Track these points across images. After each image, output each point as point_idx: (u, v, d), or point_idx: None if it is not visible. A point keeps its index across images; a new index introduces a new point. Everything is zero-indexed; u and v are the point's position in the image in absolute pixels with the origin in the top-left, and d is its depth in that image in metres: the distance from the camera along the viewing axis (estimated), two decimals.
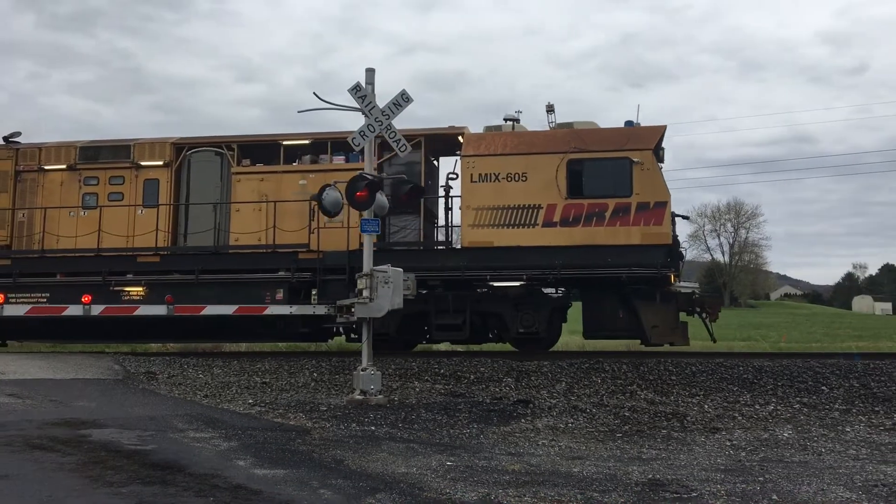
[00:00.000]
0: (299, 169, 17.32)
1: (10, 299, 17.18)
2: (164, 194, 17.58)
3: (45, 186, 18.10)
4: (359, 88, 12.16)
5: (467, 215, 15.97)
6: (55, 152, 18.23)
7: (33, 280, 17.32)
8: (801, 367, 13.28)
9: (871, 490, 6.75)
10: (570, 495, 6.47)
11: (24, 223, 18.06)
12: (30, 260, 17.51)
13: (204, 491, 6.36)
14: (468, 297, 16.22)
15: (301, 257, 16.42)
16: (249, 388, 13.04)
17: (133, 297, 16.90)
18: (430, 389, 12.80)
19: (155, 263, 17.02)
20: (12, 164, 18.29)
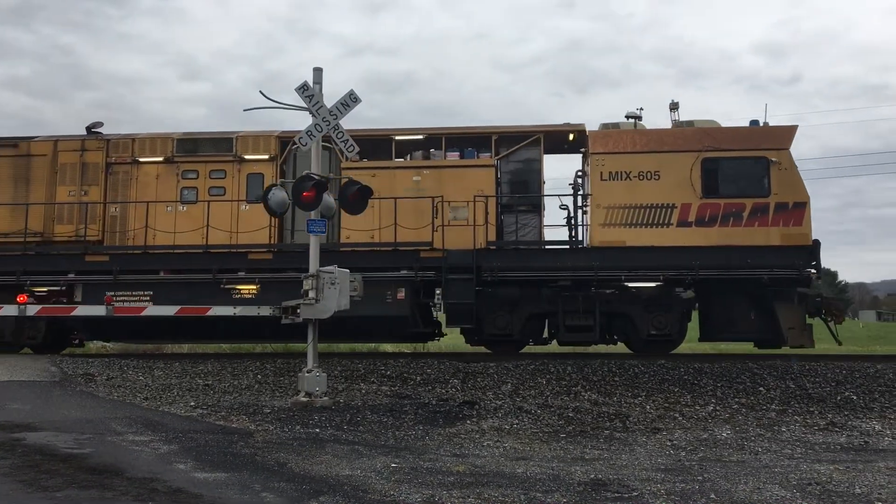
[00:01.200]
0: (413, 165, 16.98)
1: (110, 297, 16.37)
2: None
3: (140, 179, 17.42)
4: (306, 88, 12.06)
5: (597, 214, 15.81)
6: (150, 144, 17.58)
7: (135, 277, 16.63)
8: (740, 369, 13.59)
9: (805, 488, 6.93)
10: (514, 496, 6.51)
11: (117, 218, 17.37)
12: (132, 256, 16.78)
13: (143, 495, 6.23)
14: (597, 298, 15.97)
15: (423, 256, 16.09)
16: (191, 391, 12.81)
17: (244, 295, 16.34)
18: (377, 391, 12.75)
19: (267, 261, 16.50)
20: (103, 156, 17.60)
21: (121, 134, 17.98)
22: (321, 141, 16.79)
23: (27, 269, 16.76)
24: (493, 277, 15.79)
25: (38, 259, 16.93)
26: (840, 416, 11.24)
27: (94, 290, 16.60)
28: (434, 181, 16.59)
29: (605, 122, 16.86)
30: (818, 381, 12.94)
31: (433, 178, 16.55)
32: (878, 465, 8.06)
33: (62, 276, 16.75)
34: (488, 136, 17.03)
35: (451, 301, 15.84)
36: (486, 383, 13.14)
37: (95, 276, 16.64)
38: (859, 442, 9.69)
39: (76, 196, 17.40)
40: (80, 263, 16.83)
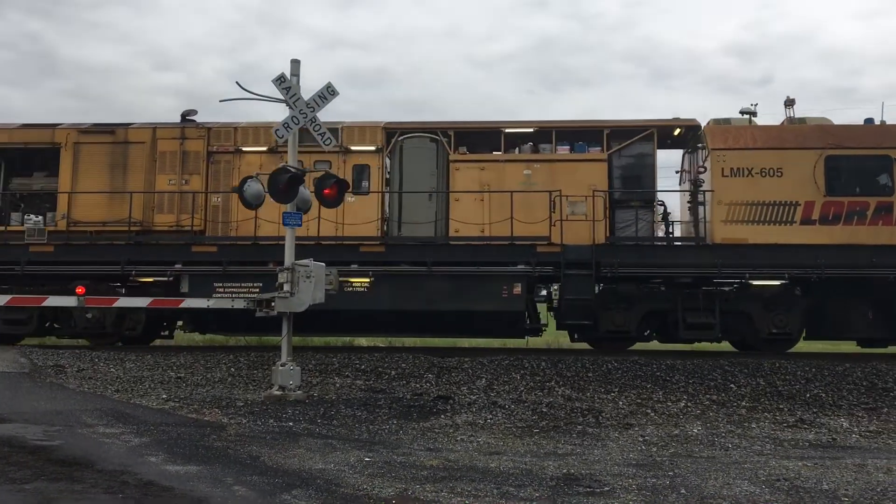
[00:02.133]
0: (523, 158, 16.78)
1: (218, 289, 16.12)
2: (375, 181, 16.77)
3: (242, 169, 16.88)
4: (283, 79, 11.99)
5: (718, 211, 15.71)
6: (253, 133, 17.22)
7: (244, 269, 16.29)
8: (712, 366, 13.73)
9: (774, 484, 7.03)
10: (487, 490, 6.53)
11: (220, 208, 17.02)
12: (241, 247, 16.46)
13: (113, 488, 6.17)
14: (717, 296, 15.89)
15: (540, 250, 15.90)
16: (163, 383, 12.71)
17: (356, 288, 16.05)
18: (351, 385, 12.73)
19: (380, 254, 16.24)
20: (204, 145, 17.24)
21: (222, 122, 17.61)
22: (427, 133, 16.87)
23: (132, 259, 16.45)
24: (614, 273, 15.76)
25: (144, 249, 16.61)
26: (809, 413, 11.39)
27: (202, 281, 16.32)
28: (545, 175, 16.46)
29: (716, 118, 16.82)
30: (788, 378, 13.11)
31: (544, 172, 16.42)
32: (845, 462, 8.19)
33: (169, 267, 16.41)
34: (600, 129, 16.91)
35: (570, 297, 15.73)
36: (460, 378, 13.17)
37: (203, 266, 16.36)
38: (827, 439, 9.84)
39: (176, 185, 17.10)
40: (187, 254, 16.56)
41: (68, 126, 17.76)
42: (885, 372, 13.42)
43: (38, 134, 17.79)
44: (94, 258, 16.51)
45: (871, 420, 11.06)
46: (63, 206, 17.13)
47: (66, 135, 17.50)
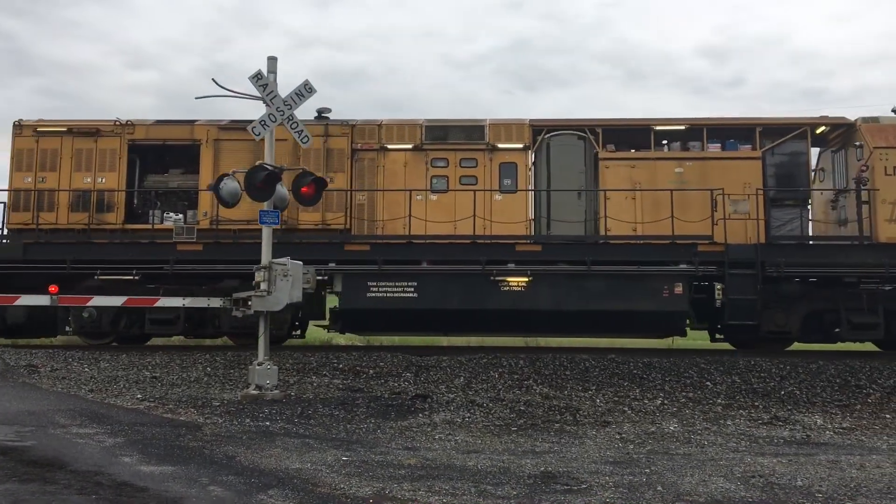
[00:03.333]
0: (674, 156, 16.68)
1: (371, 288, 15.98)
2: (523, 179, 16.60)
3: (387, 167, 16.87)
4: (260, 77, 11.90)
5: (883, 209, 15.69)
6: (398, 130, 17.05)
7: (399, 268, 16.10)
8: (688, 364, 13.84)
9: (749, 481, 7.08)
10: (464, 488, 6.53)
11: (364, 205, 16.82)
12: (394, 246, 16.27)
13: (86, 489, 6.10)
14: (881, 295, 15.84)
15: (702, 249, 15.81)
16: (138, 383, 12.57)
17: (513, 287, 15.92)
18: (329, 384, 12.68)
19: (536, 252, 16.06)
20: (348, 142, 17.03)
21: (366, 120, 17.44)
22: (575, 131, 16.75)
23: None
24: (779, 273, 15.69)
25: (296, 248, 16.09)
26: (783, 410, 11.50)
27: (356, 281, 16.17)
28: (697, 173, 16.44)
29: (864, 117, 16.83)
30: (763, 376, 13.23)
31: (696, 170, 16.36)
32: (819, 459, 8.27)
33: (323, 266, 16.10)
34: (752, 127, 16.88)
35: (734, 297, 15.64)
36: (438, 377, 13.16)
37: (357, 265, 16.22)
38: (801, 436, 9.93)
39: None
40: (339, 252, 16.38)
41: (206, 122, 17.51)
42: (858, 369, 13.59)
43: (176, 130, 17.49)
44: (244, 257, 16.15)
45: (844, 417, 11.19)
46: (205, 205, 16.90)
47: (207, 131, 17.29)
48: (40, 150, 17.22)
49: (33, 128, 17.41)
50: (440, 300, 16.00)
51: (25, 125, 17.45)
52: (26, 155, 17.18)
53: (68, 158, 17.23)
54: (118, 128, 17.32)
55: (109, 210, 16.93)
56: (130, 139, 17.34)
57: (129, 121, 17.38)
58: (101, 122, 17.50)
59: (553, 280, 16.00)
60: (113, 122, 17.35)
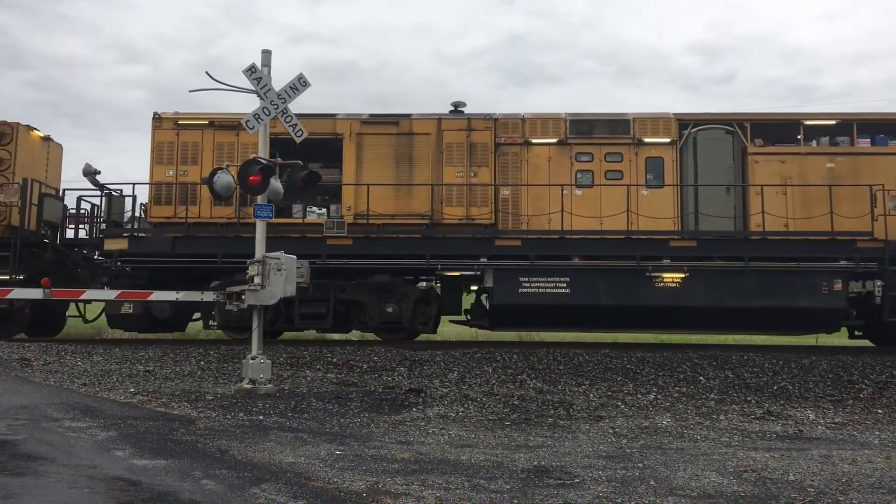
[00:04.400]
0: (826, 151, 16.53)
1: (523, 283, 15.89)
2: (670, 174, 16.47)
3: (531, 161, 16.73)
4: (254, 70, 11.86)
5: None
6: (541, 125, 16.91)
7: (551, 263, 15.99)
8: (681, 359, 13.86)
9: (742, 475, 7.11)
10: (458, 482, 6.53)
11: (509, 200, 16.67)
12: (546, 241, 16.19)
13: (79, 482, 6.08)
14: None
15: (861, 246, 15.75)
16: (131, 377, 12.55)
17: (668, 284, 15.82)
18: (322, 378, 12.67)
19: (690, 248, 15.97)
20: (491, 137, 16.88)
21: (508, 114, 17.29)
22: (723, 125, 16.63)
23: (435, 253, 16.18)
24: None
25: (446, 242, 16.36)
26: (776, 405, 11.54)
27: (507, 276, 16.06)
28: (847, 168, 16.34)
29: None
30: (756, 371, 13.27)
31: (846, 166, 16.26)
32: (811, 453, 8.30)
33: (474, 261, 16.18)
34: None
35: (894, 294, 15.64)
36: (432, 371, 13.16)
37: (508, 260, 16.13)
38: (794, 430, 9.97)
39: (464, 177, 16.80)
40: (489, 247, 16.31)
41: (345, 116, 17.42)
42: (851, 364, 13.64)
43: (318, 124, 17.19)
44: (394, 252, 16.24)
45: (836, 412, 11.24)
46: (349, 199, 16.87)
47: (349, 125, 17.21)
48: (181, 143, 17.09)
49: (174, 120, 17.28)
50: (593, 296, 15.91)
51: (165, 118, 17.31)
52: (167, 148, 17.05)
53: (210, 152, 17.10)
54: None
55: (251, 204, 16.84)
56: (272, 132, 17.22)
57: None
58: (241, 116, 17.42)
59: (708, 276, 15.91)
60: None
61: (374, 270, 16.48)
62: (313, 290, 15.97)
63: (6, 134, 17.14)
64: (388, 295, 16.49)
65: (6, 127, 17.18)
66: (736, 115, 17.11)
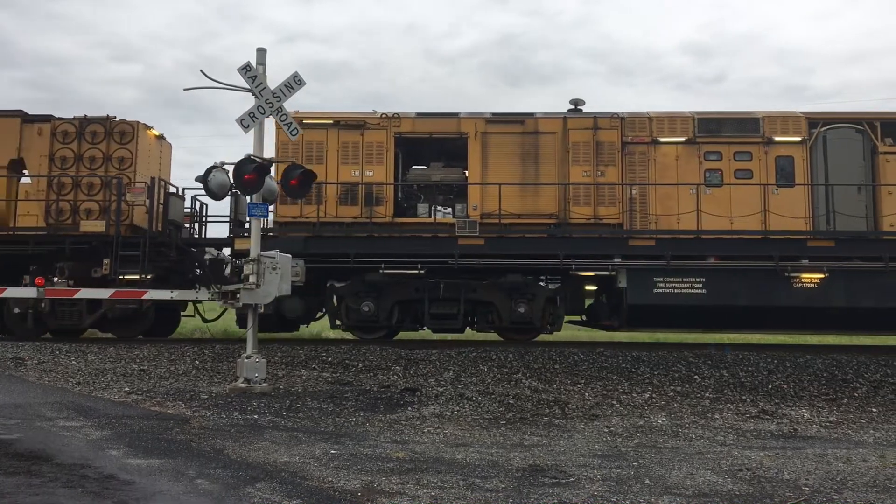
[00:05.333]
0: None
1: (658, 283, 15.85)
2: (801, 173, 16.38)
3: (658, 160, 16.64)
4: (249, 68, 11.82)
5: None
6: (669, 123, 16.83)
7: (686, 263, 15.88)
8: (676, 358, 13.87)
9: (737, 474, 7.11)
10: (453, 481, 6.52)
11: (637, 199, 16.57)
12: (681, 241, 16.11)
13: (72, 482, 6.06)
14: None
15: None
16: (126, 376, 12.51)
17: (806, 285, 15.70)
18: (317, 377, 12.65)
19: (829, 248, 15.85)
20: (618, 135, 16.79)
21: (634, 112, 17.20)
22: (849, 124, 16.56)
23: (569, 253, 16.04)
24: None
25: (579, 242, 16.19)
26: (771, 404, 11.56)
27: (641, 276, 15.98)
28: None
29: None
30: (751, 370, 13.29)
31: None
32: (806, 452, 8.32)
33: (606, 261, 16.06)
34: None
35: None
36: (428, 370, 13.15)
37: (642, 260, 16.04)
38: (789, 429, 9.98)
39: (591, 176, 16.70)
40: (623, 247, 16.22)
41: (468, 115, 17.31)
42: (845, 363, 13.66)
43: (443, 123, 17.25)
44: (526, 251, 16.10)
45: (831, 411, 11.25)
46: (475, 198, 16.78)
47: (474, 124, 17.10)
48: (305, 142, 17.01)
49: (298, 119, 17.17)
50: (729, 296, 15.77)
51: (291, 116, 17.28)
52: (291, 147, 16.92)
53: (334, 151, 17.09)
54: (384, 121, 17.16)
55: (378, 203, 16.76)
56: (397, 132, 17.19)
57: (395, 114, 17.26)
58: (366, 115, 17.39)
59: (847, 276, 15.77)
60: (379, 115, 17.26)
61: (505, 270, 16.41)
62: (444, 291, 16.17)
63: (127, 133, 17.00)
64: (519, 295, 16.42)
65: (127, 126, 17.05)
66: (865, 113, 17.04)
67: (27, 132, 16.99)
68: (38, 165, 16.79)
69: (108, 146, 16.77)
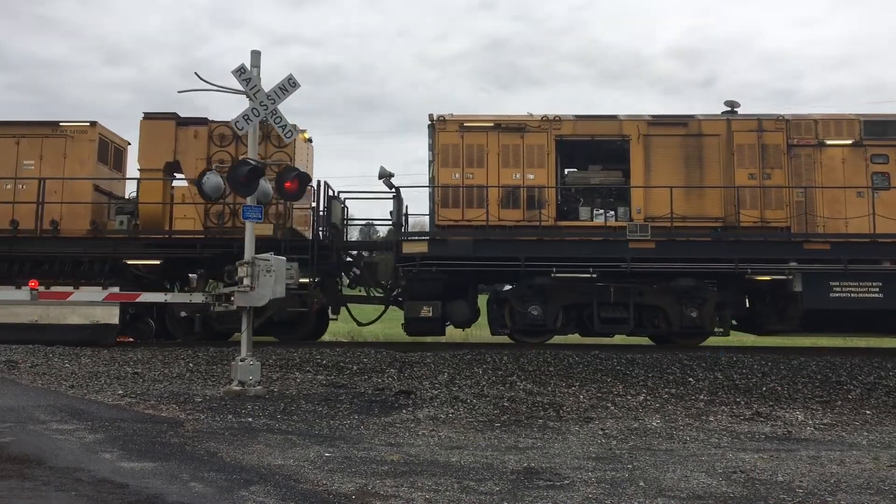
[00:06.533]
0: None
1: (834, 288, 15.76)
2: None
3: (824, 163, 16.54)
4: (243, 70, 11.81)
5: None
6: (835, 126, 16.77)
7: (863, 268, 15.81)
8: (671, 360, 13.89)
9: (731, 476, 7.12)
10: (447, 484, 6.52)
11: (803, 202, 16.45)
12: (855, 245, 16.01)
13: (65, 485, 6.04)
14: None
15: None
16: (119, 379, 12.47)
17: None
18: (312, 380, 12.63)
19: None
20: (784, 138, 16.68)
21: (798, 114, 17.14)
22: None
23: (744, 257, 16.00)
24: None
25: (753, 245, 16.14)
26: (765, 406, 11.57)
27: (817, 280, 15.86)
28: None
29: None
30: (745, 372, 13.31)
31: None
32: (800, 454, 8.33)
33: (782, 265, 16.00)
34: None
35: None
36: (422, 373, 13.14)
37: (818, 264, 15.91)
38: (783, 431, 10.00)
39: (757, 179, 16.60)
40: (797, 251, 16.11)
41: (628, 117, 17.27)
42: (839, 365, 13.70)
43: (604, 126, 17.17)
44: (696, 255, 16.07)
45: (825, 413, 11.28)
46: (638, 201, 16.71)
47: (636, 127, 17.03)
48: (465, 145, 17.00)
49: (459, 122, 17.16)
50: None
51: (449, 120, 17.18)
52: (452, 150, 16.95)
53: (495, 154, 17.02)
54: (545, 123, 17.09)
55: (541, 207, 16.66)
56: (557, 134, 17.11)
57: (557, 116, 17.20)
58: (526, 118, 17.34)
59: None
60: (539, 118, 17.19)
61: (674, 274, 16.36)
62: (614, 295, 16.14)
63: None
64: (688, 299, 16.36)
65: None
66: None
67: (182, 135, 16.99)
68: (195, 168, 16.64)
69: (265, 149, 16.72)
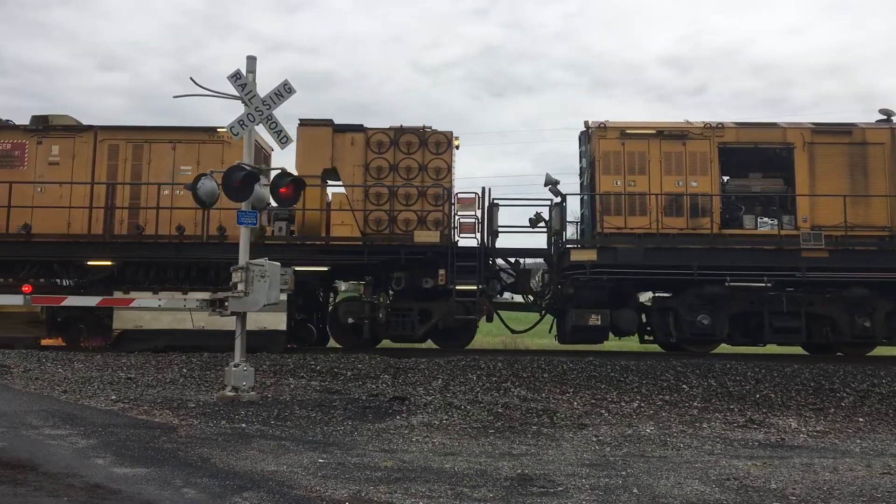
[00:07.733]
0: None
1: None
2: None
3: None
4: (239, 76, 11.81)
5: None
6: None
7: None
8: (665, 367, 13.90)
9: (724, 483, 7.13)
10: (441, 491, 6.51)
11: None
12: None
13: (58, 491, 6.02)
14: None
15: None
16: (113, 384, 12.43)
17: None
18: (306, 386, 12.61)
19: None
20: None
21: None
22: None
23: None
24: None
25: (854, 254, 16.20)
26: (759, 413, 11.59)
27: None
28: None
29: None
30: (739, 379, 13.33)
31: None
32: (793, 462, 8.35)
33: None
34: None
35: None
36: (416, 379, 13.13)
37: None
38: (776, 439, 10.02)
39: None
40: None
41: (790, 125, 17.25)
42: (832, 373, 13.72)
43: (762, 133, 17.18)
44: (874, 265, 16.07)
45: (818, 420, 11.30)
46: (804, 210, 16.67)
47: (801, 135, 16.99)
48: (627, 152, 17.04)
49: (620, 130, 17.13)
50: None
51: (610, 127, 17.13)
52: (613, 157, 16.92)
53: (657, 161, 16.99)
54: (707, 130, 17.09)
55: (704, 215, 16.61)
56: (720, 142, 17.09)
57: (719, 123, 17.22)
58: (688, 125, 17.33)
59: None
60: (702, 125, 17.18)
61: (852, 284, 16.31)
62: (787, 304, 16.13)
63: (441, 143, 16.98)
64: (859, 308, 16.32)
65: (441, 136, 17.05)
66: None
67: (339, 141, 17.03)
68: (352, 175, 16.73)
69: (423, 156, 16.78)
